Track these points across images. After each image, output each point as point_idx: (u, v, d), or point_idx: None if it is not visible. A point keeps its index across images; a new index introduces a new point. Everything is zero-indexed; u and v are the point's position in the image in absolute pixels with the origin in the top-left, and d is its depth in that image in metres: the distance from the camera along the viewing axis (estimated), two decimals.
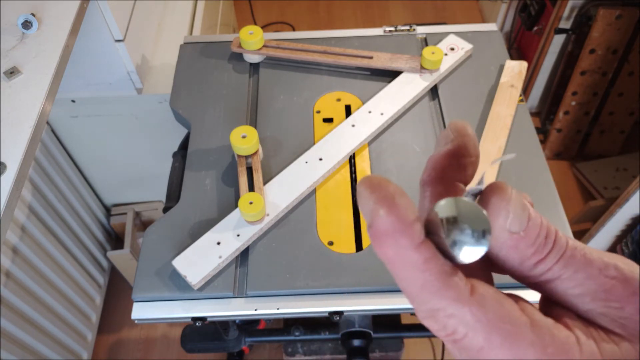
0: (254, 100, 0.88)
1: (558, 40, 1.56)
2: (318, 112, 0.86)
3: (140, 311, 0.66)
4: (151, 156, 1.25)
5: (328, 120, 0.85)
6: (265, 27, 2.19)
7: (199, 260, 0.67)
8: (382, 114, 0.82)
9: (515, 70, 0.88)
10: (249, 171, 0.76)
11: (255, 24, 1.22)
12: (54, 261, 1.14)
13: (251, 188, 0.74)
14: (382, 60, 0.89)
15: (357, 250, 0.70)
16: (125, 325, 1.43)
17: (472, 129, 0.22)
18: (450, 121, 0.22)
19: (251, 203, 0.68)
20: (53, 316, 1.13)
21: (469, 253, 0.18)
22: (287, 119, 0.85)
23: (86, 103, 1.10)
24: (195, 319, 0.66)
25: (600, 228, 1.22)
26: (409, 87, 0.85)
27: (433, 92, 0.88)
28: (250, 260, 0.69)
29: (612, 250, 1.28)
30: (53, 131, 1.16)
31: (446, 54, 0.89)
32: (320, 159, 0.77)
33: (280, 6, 2.30)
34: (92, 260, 1.33)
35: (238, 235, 0.69)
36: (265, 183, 0.74)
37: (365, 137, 0.79)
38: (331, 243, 0.70)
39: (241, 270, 0.69)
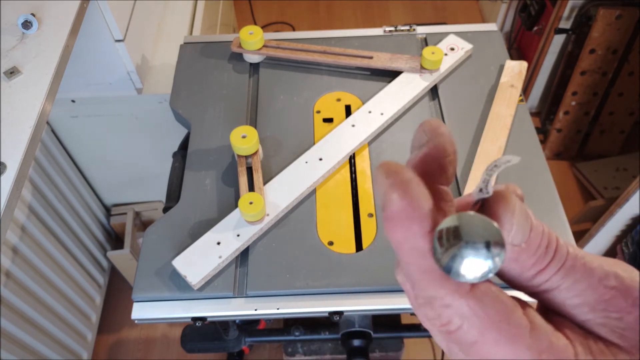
0: (254, 100, 0.88)
1: (558, 40, 1.56)
2: (318, 112, 0.86)
3: (140, 311, 0.66)
4: (151, 156, 1.25)
5: (328, 120, 0.85)
6: (265, 27, 2.19)
7: (199, 260, 0.67)
8: (382, 114, 0.82)
9: (515, 70, 0.88)
10: (249, 171, 0.76)
11: (255, 24, 1.22)
12: (54, 261, 1.14)
13: (251, 188, 0.74)
14: (382, 60, 0.89)
15: (357, 250, 0.70)
16: (125, 325, 1.43)
17: (446, 126, 0.21)
18: (422, 121, 0.21)
19: (251, 203, 0.68)
20: (53, 316, 1.13)
21: (478, 273, 0.18)
22: (287, 119, 0.85)
23: (86, 103, 1.10)
24: (195, 319, 0.66)
25: (600, 228, 1.22)
26: (409, 87, 0.85)
27: (433, 92, 0.88)
28: (250, 260, 0.69)
29: (612, 250, 1.28)
30: (53, 131, 1.16)
31: (446, 54, 0.89)
32: (320, 159, 0.77)
33: (280, 6, 2.30)
34: (92, 260, 1.33)
35: (238, 235, 0.69)
36: (265, 183, 0.74)
37: (365, 137, 0.79)
38: (331, 243, 0.70)
39: (241, 270, 0.69)
